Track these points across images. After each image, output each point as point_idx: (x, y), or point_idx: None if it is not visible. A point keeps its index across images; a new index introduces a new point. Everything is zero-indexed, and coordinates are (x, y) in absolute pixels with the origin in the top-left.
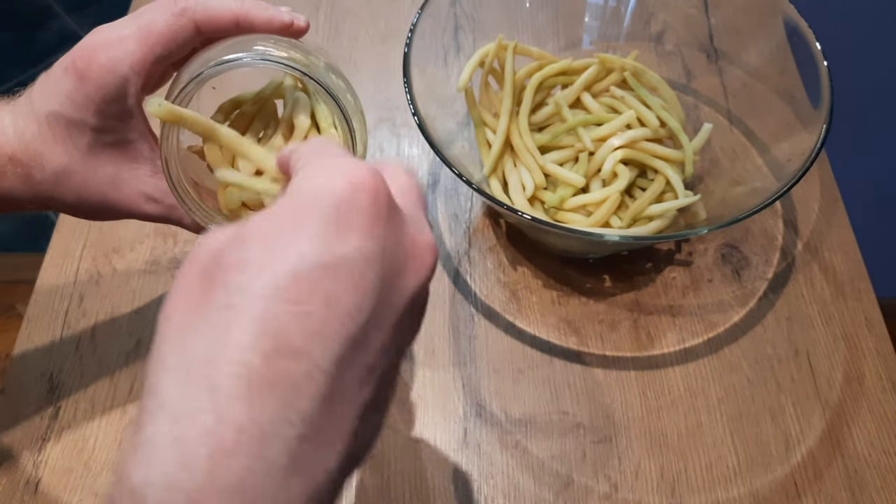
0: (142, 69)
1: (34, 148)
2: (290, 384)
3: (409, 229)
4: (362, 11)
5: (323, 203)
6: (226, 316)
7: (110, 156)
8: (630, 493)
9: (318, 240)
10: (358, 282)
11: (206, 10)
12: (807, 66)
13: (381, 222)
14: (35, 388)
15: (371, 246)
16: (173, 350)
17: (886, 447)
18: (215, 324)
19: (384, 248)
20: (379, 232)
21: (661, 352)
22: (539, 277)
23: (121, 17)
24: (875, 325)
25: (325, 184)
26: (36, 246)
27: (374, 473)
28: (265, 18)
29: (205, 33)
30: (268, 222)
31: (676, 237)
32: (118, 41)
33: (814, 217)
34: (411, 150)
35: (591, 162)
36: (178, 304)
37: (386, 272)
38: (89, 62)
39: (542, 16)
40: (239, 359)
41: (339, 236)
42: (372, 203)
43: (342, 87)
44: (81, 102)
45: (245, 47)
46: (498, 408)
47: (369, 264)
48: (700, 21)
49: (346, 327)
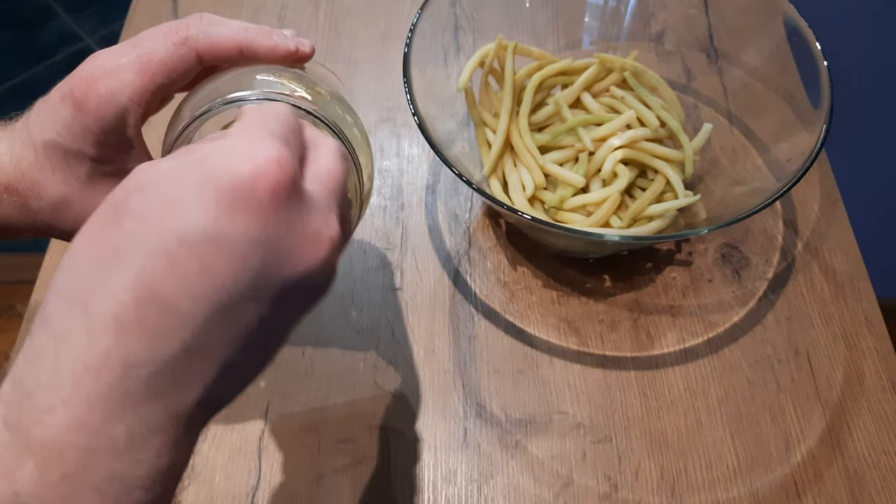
0: (141, 99)
1: (31, 177)
2: (155, 329)
3: (310, 218)
4: (362, 11)
5: (224, 181)
6: (114, 256)
7: (109, 185)
8: (630, 493)
9: (210, 214)
10: (237, 261)
11: (209, 39)
12: (807, 66)
13: (274, 212)
14: None
15: (257, 232)
16: (65, 275)
17: (886, 447)
18: (104, 261)
19: (270, 236)
20: (269, 221)
21: (661, 352)
22: (539, 277)
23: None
24: (875, 325)
25: (234, 163)
26: (36, 246)
27: (373, 473)
28: (269, 47)
29: (207, 62)
30: (175, 180)
31: (676, 237)
32: (116, 71)
33: (814, 217)
34: (411, 150)
35: (591, 162)
36: (87, 232)
37: (268, 256)
38: (87, 92)
39: (542, 16)
40: (114, 297)
41: (230, 216)
42: (269, 193)
43: (348, 121)
44: (79, 132)
45: (249, 81)
46: (498, 408)
47: (252, 248)
48: (700, 21)
49: (217, 294)
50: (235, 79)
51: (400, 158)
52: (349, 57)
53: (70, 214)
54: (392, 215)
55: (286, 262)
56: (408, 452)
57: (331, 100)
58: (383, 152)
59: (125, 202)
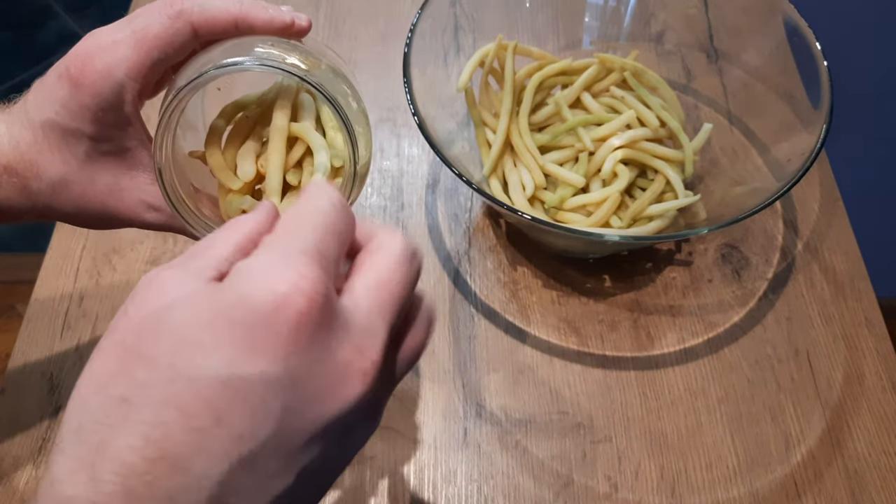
0: (138, 75)
1: (30, 158)
2: (166, 495)
3: (340, 349)
4: (362, 11)
5: (240, 316)
6: (123, 409)
7: (108, 164)
8: (630, 493)
9: (224, 356)
10: (256, 407)
11: (204, 13)
12: (807, 66)
13: (295, 347)
14: (35, 388)
15: (278, 372)
16: (70, 430)
17: (886, 447)
18: (112, 414)
19: (294, 376)
20: (292, 358)
21: (661, 352)
22: (539, 277)
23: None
24: (875, 325)
25: (253, 292)
26: (36, 246)
27: (373, 473)
28: (266, 19)
29: (202, 36)
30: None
31: (676, 237)
32: (112, 46)
33: (814, 217)
34: (411, 150)
35: (591, 162)
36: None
37: (293, 399)
38: (83, 69)
39: (542, 16)
40: (123, 458)
41: (246, 356)
42: (291, 326)
43: (344, 91)
44: (77, 110)
45: (245, 50)
46: (498, 408)
47: (272, 391)
48: (700, 21)
49: (235, 448)
50: (231, 48)
51: (400, 158)
52: (349, 57)
53: (70, 195)
54: (392, 215)
55: (314, 404)
56: (408, 452)
57: (327, 70)
58: (383, 152)
59: (135, 345)
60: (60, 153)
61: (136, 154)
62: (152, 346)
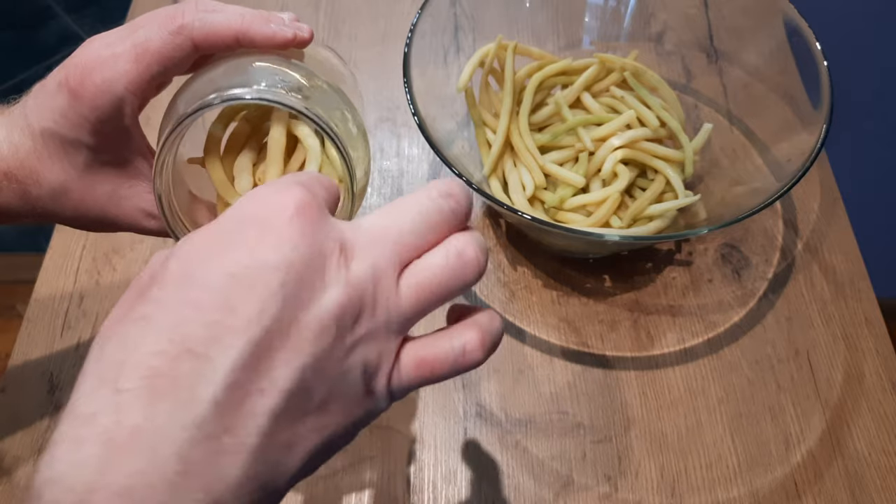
0: (137, 89)
1: (30, 164)
2: (187, 386)
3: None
4: (362, 11)
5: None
6: (141, 325)
7: (108, 174)
8: (630, 493)
9: (229, 256)
10: (260, 291)
11: (205, 28)
12: (807, 66)
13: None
14: (35, 388)
15: (277, 259)
16: (92, 359)
17: (886, 447)
18: (131, 333)
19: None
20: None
21: (661, 352)
22: (539, 277)
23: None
24: (875, 325)
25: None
26: (36, 246)
27: (373, 473)
28: (266, 36)
29: (203, 50)
30: (192, 247)
31: (676, 237)
32: (112, 60)
33: (814, 217)
34: (411, 150)
35: (591, 162)
36: (110, 318)
37: (291, 283)
38: (83, 81)
39: (542, 16)
40: (145, 362)
41: (250, 251)
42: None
43: (343, 116)
44: (76, 121)
45: (244, 71)
46: (498, 408)
47: (272, 272)
48: (700, 21)
49: (246, 333)
50: (230, 71)
51: (400, 158)
52: (349, 57)
53: (69, 201)
54: None
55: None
56: (408, 452)
57: (328, 90)
58: (383, 152)
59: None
60: (60, 162)
61: (136, 164)
62: (163, 274)
